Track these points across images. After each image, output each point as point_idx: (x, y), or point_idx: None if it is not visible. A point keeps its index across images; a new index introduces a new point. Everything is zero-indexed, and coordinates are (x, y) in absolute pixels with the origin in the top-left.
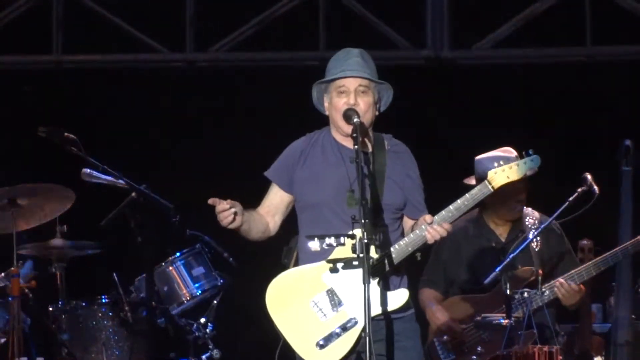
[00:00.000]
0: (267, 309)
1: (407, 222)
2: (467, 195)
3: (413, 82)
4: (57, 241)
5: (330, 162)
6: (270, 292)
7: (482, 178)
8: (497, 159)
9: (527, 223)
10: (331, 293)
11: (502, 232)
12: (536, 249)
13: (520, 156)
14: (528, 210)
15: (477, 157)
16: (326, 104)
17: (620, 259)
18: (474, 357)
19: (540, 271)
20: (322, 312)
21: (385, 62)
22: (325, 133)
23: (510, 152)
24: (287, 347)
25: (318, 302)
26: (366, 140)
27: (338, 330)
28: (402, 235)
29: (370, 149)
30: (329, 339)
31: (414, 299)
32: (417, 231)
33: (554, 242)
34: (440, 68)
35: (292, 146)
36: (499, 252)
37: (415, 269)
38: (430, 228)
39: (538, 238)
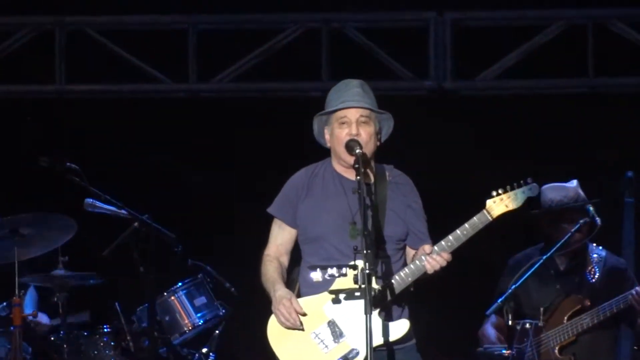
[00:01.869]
0: (269, 341)
1: (410, 252)
2: (466, 225)
3: (416, 113)
4: (59, 272)
5: (331, 195)
6: (272, 325)
7: (542, 208)
8: (558, 189)
9: (590, 258)
10: (332, 324)
11: (562, 261)
12: (591, 281)
13: (519, 185)
14: (597, 248)
15: (542, 188)
16: (327, 136)
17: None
18: None
19: (587, 302)
20: (324, 344)
21: (388, 93)
22: (326, 165)
23: (572, 183)
24: None
25: (319, 333)
26: (368, 171)
27: None
28: (405, 265)
29: (372, 180)
30: None
31: (414, 329)
32: (417, 262)
33: (616, 281)
34: (442, 99)
35: (292, 180)
36: (556, 281)
37: (416, 301)
38: (430, 258)
39: (597, 270)
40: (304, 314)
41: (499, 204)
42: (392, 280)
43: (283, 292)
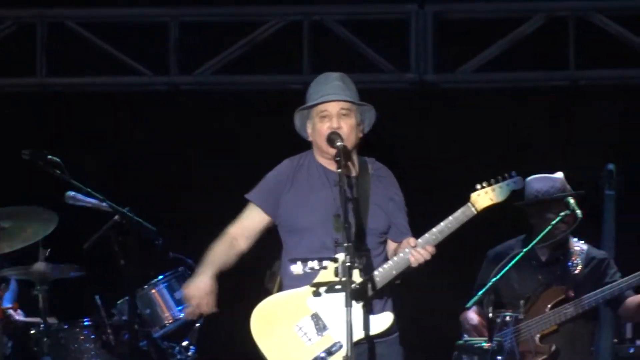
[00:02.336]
0: (252, 334)
1: (391, 245)
2: (450, 218)
3: (397, 106)
4: (39, 265)
5: (317, 187)
6: (255, 318)
7: (528, 198)
8: (545, 179)
9: (571, 250)
10: (316, 317)
11: (543, 253)
12: (574, 272)
13: (503, 178)
14: (579, 242)
15: (527, 179)
16: (309, 130)
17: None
18: None
19: (571, 292)
20: (307, 337)
21: (369, 86)
22: (310, 157)
23: (558, 174)
24: None
25: (303, 326)
26: (350, 164)
27: (323, 355)
28: (386, 258)
29: (354, 173)
30: None
31: (397, 322)
32: (401, 254)
33: (598, 272)
34: (424, 91)
35: (277, 170)
36: (538, 272)
37: (401, 293)
38: (414, 251)
39: (579, 262)
40: (211, 292)
41: (484, 197)
42: (376, 273)
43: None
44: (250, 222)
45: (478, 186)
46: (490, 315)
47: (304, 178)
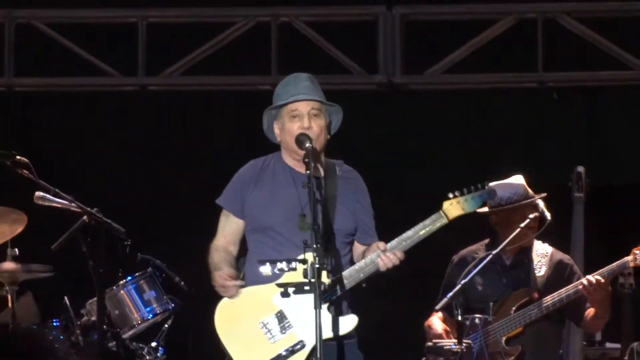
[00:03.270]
0: (216, 329)
1: (358, 248)
2: (420, 224)
3: (365, 107)
4: (8, 265)
5: (282, 186)
6: (219, 313)
7: (492, 206)
8: (506, 186)
9: (535, 253)
10: (280, 315)
11: (508, 257)
12: (538, 274)
13: (476, 188)
14: (543, 244)
15: (490, 185)
16: (277, 130)
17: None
18: None
19: (535, 294)
20: (271, 334)
21: (338, 87)
22: (276, 158)
23: (518, 179)
24: None
25: (267, 323)
26: (318, 165)
27: (285, 353)
28: (352, 260)
29: (322, 174)
30: None
31: (364, 326)
32: (370, 258)
33: (563, 275)
34: (392, 93)
35: (241, 172)
36: (503, 276)
37: (360, 296)
38: (384, 255)
39: (543, 264)
40: (236, 277)
41: (455, 207)
42: (344, 275)
43: (220, 271)
44: (229, 230)
45: (450, 195)
46: (460, 317)
47: (268, 178)
